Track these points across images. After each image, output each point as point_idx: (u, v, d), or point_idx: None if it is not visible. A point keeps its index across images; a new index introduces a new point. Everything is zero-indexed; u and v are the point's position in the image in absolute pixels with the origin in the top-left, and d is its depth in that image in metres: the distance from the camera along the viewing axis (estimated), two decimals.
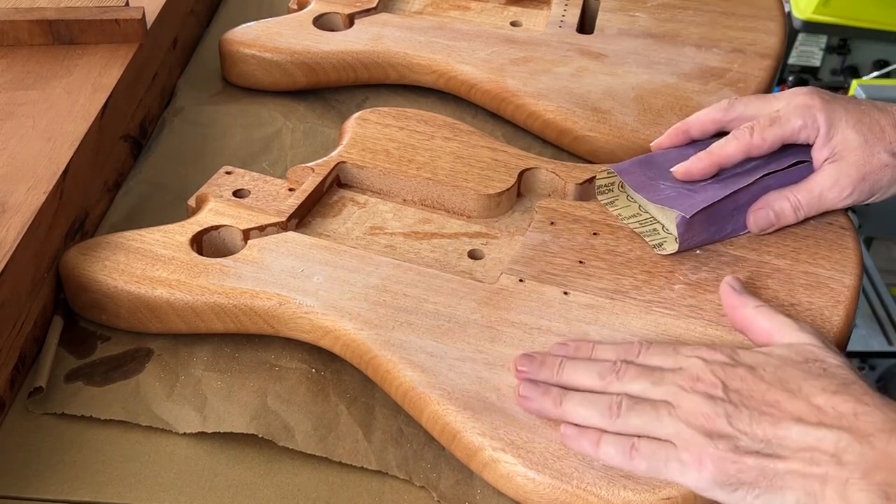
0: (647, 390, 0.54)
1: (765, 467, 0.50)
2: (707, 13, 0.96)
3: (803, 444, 0.50)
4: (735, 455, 0.50)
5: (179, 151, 0.82)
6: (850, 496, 0.47)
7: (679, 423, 0.52)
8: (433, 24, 0.93)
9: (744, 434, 0.51)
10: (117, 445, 0.59)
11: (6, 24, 0.79)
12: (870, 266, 1.74)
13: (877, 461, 0.48)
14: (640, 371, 0.55)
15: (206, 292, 0.63)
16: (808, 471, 0.49)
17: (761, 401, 0.52)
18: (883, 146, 0.68)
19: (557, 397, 0.55)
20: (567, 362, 0.57)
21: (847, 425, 0.49)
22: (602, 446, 0.53)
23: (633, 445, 0.53)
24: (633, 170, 0.71)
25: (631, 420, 0.53)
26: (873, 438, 0.48)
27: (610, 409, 0.54)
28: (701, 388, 0.52)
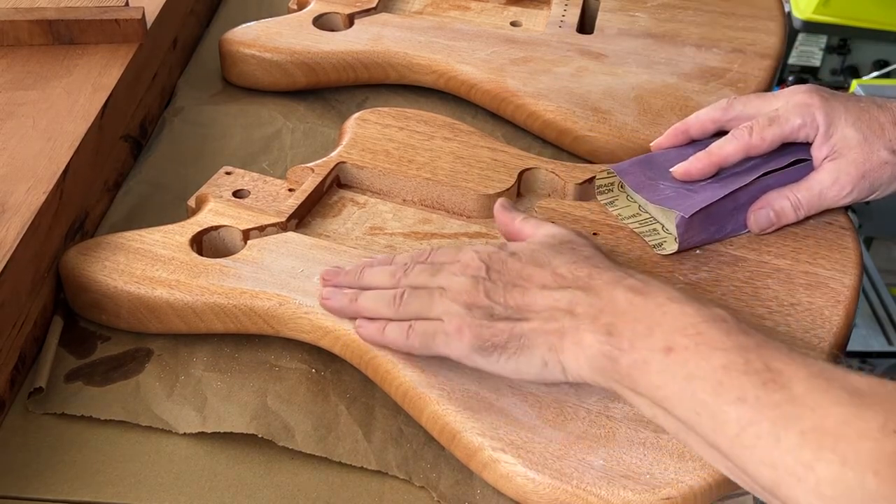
0: (427, 281, 0.59)
1: (513, 329, 0.56)
2: (707, 13, 0.96)
3: (544, 305, 0.56)
4: (489, 321, 0.56)
5: (179, 151, 0.82)
6: (581, 339, 0.54)
7: (447, 301, 0.57)
8: (433, 24, 0.93)
9: (497, 304, 0.56)
10: (117, 445, 0.59)
11: (6, 24, 0.79)
12: (870, 266, 1.74)
13: (602, 307, 0.54)
14: (423, 267, 0.60)
15: (205, 292, 0.63)
16: (547, 327, 0.55)
17: (516, 276, 0.57)
18: (882, 143, 0.68)
19: (354, 295, 0.61)
20: (366, 269, 0.63)
21: (581, 285, 0.56)
22: (386, 332, 0.59)
23: (410, 326, 0.58)
24: (632, 170, 0.71)
25: (411, 305, 0.59)
26: (601, 290, 0.55)
27: (394, 299, 0.59)
28: (469, 272, 0.58)
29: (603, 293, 0.55)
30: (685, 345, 0.50)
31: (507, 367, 0.56)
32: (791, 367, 0.48)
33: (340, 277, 0.63)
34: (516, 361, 0.56)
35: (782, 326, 0.63)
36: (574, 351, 0.54)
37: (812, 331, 0.63)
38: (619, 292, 0.54)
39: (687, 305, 0.52)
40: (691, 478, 0.54)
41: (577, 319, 0.54)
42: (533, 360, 0.55)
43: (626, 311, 0.53)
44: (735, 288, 0.66)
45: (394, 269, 0.62)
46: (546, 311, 0.55)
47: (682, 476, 0.55)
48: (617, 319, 0.53)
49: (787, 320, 0.64)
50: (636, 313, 0.53)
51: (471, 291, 0.57)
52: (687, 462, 0.55)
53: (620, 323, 0.53)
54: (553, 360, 0.55)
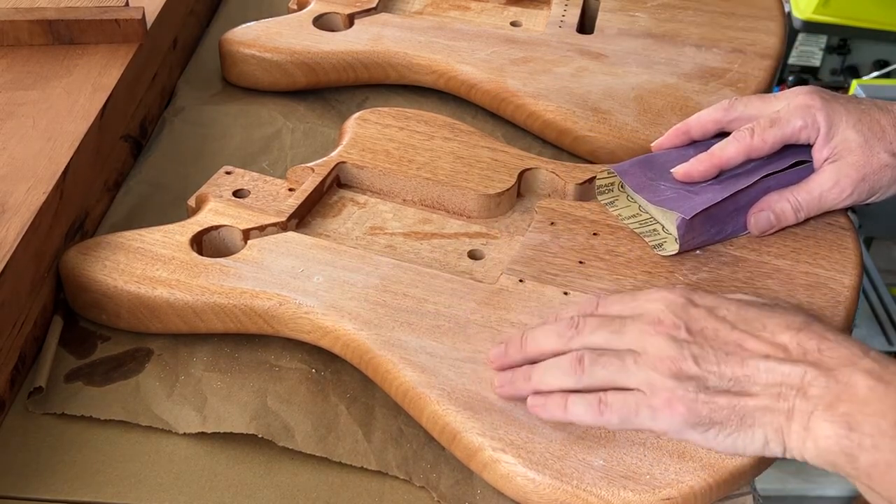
0: (610, 340, 0.53)
1: (735, 405, 0.50)
2: (707, 13, 0.96)
3: (771, 381, 0.50)
4: (705, 395, 0.50)
5: (179, 151, 0.82)
6: (814, 427, 0.48)
7: (646, 369, 0.51)
8: (433, 24, 0.93)
9: (712, 374, 0.50)
10: (117, 445, 0.59)
11: (6, 24, 0.79)
12: (870, 266, 1.74)
13: (839, 393, 0.48)
14: (599, 321, 0.54)
15: (206, 292, 0.63)
16: (776, 406, 0.49)
17: (726, 340, 0.51)
18: (883, 146, 0.68)
19: (526, 372, 0.54)
20: (528, 332, 0.56)
21: (812, 360, 0.50)
22: (570, 407, 0.52)
23: (601, 400, 0.52)
24: (633, 170, 0.71)
25: (597, 373, 0.52)
26: (837, 372, 0.49)
27: (573, 365, 0.53)
28: (663, 330, 0.52)
29: (839, 375, 0.49)
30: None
31: (724, 444, 0.51)
32: None
33: (504, 352, 0.56)
34: (735, 439, 0.50)
35: None
36: (803, 436, 0.49)
37: None
38: (858, 377, 0.48)
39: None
40: (691, 478, 0.54)
41: (809, 402, 0.49)
42: (755, 438, 0.50)
43: (867, 402, 0.48)
44: (735, 288, 0.66)
45: (560, 326, 0.55)
46: (773, 387, 0.50)
47: (683, 476, 0.55)
48: (857, 410, 0.47)
49: None
50: (879, 405, 0.47)
51: (675, 358, 0.51)
52: (687, 462, 0.55)
53: (861, 415, 0.47)
54: (777, 440, 0.50)
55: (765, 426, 0.50)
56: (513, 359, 0.56)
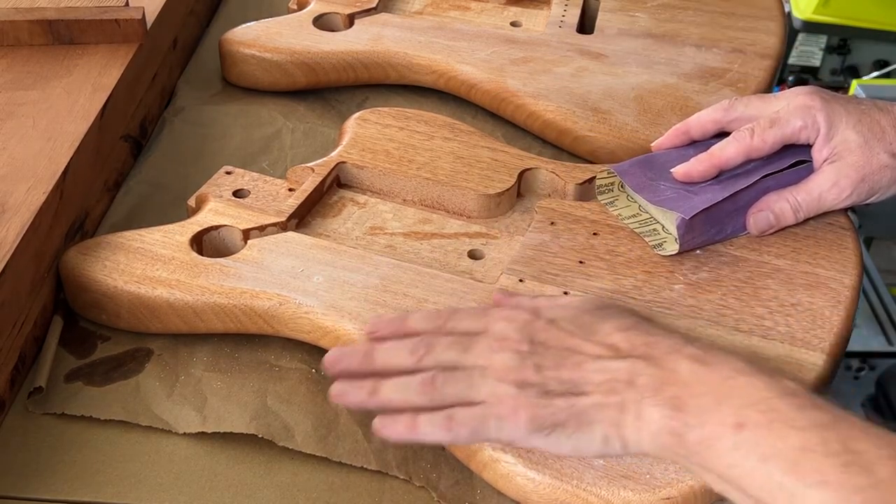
0: (460, 358, 0.53)
1: (572, 405, 0.51)
2: (707, 13, 0.96)
3: (602, 378, 0.51)
4: (545, 399, 0.51)
5: (179, 151, 0.82)
6: (644, 414, 0.50)
7: (491, 381, 0.52)
8: (433, 24, 0.93)
9: (551, 379, 0.52)
10: (117, 445, 0.59)
11: (6, 24, 0.79)
12: (870, 266, 1.73)
13: (665, 379, 0.50)
14: (450, 340, 0.54)
15: (205, 292, 0.63)
16: (608, 400, 0.51)
17: (563, 347, 0.53)
18: (883, 147, 0.68)
19: (373, 388, 0.54)
20: (377, 346, 0.55)
21: (639, 354, 0.52)
22: (420, 427, 0.52)
23: (450, 416, 0.52)
24: (633, 170, 0.71)
25: (447, 391, 0.53)
26: (662, 360, 0.51)
27: (424, 385, 0.53)
28: (508, 345, 0.53)
29: (664, 363, 0.51)
30: (758, 421, 0.47)
31: (567, 446, 0.51)
32: (871, 447, 0.45)
33: (347, 361, 0.55)
34: (577, 439, 0.51)
35: (782, 326, 0.63)
36: (636, 425, 0.50)
37: (812, 331, 0.63)
38: (682, 362, 0.51)
39: (755, 378, 0.49)
40: (691, 478, 0.54)
41: (638, 391, 0.50)
42: (594, 436, 0.51)
43: (690, 383, 0.50)
44: (735, 288, 0.66)
45: (412, 344, 0.55)
46: (605, 384, 0.51)
47: (682, 476, 0.55)
48: (682, 392, 0.49)
49: (787, 320, 0.64)
50: (702, 385, 0.49)
51: (519, 368, 0.52)
52: None
53: (686, 396, 0.49)
54: (614, 435, 0.51)
55: (601, 422, 0.51)
56: (355, 369, 0.55)
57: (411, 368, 0.54)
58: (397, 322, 0.57)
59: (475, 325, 0.55)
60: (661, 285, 0.66)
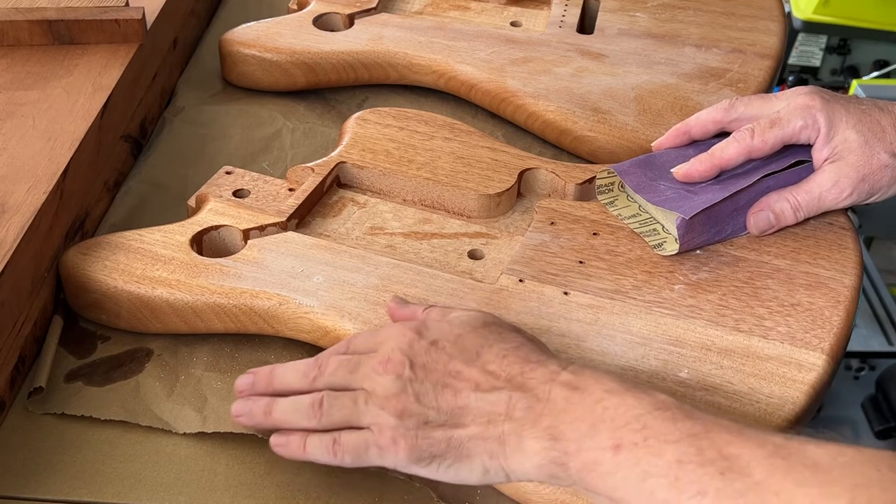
0: (347, 379, 0.54)
1: (451, 437, 0.52)
2: (707, 13, 0.96)
3: (481, 410, 0.51)
4: (424, 431, 0.52)
5: (179, 151, 0.82)
6: (525, 447, 0.50)
7: (375, 409, 0.53)
8: (433, 24, 0.93)
9: (431, 409, 0.52)
10: (117, 445, 0.59)
11: (6, 24, 0.79)
12: (870, 266, 1.73)
13: (542, 410, 0.50)
14: (340, 361, 0.55)
15: (205, 292, 0.63)
16: (486, 433, 0.51)
17: (444, 372, 0.53)
18: (883, 147, 0.68)
19: (266, 407, 0.55)
20: (277, 368, 0.57)
21: (516, 384, 0.52)
22: (308, 449, 0.54)
23: (335, 440, 0.53)
24: (633, 170, 0.71)
25: (333, 415, 0.54)
26: (537, 391, 0.51)
27: (313, 407, 0.54)
28: (391, 368, 0.53)
29: (539, 392, 0.51)
30: (633, 441, 0.47)
31: (447, 475, 0.53)
32: (746, 450, 0.45)
33: (252, 383, 0.57)
34: (456, 469, 0.52)
35: (782, 326, 0.63)
36: (518, 458, 0.50)
37: (812, 331, 0.63)
38: (556, 390, 0.51)
39: (627, 396, 0.49)
40: None
41: (516, 423, 0.51)
42: (473, 467, 0.52)
43: (565, 410, 0.50)
44: (735, 288, 0.66)
45: (307, 365, 0.56)
46: (483, 416, 0.51)
47: None
48: (558, 420, 0.50)
49: (787, 321, 0.64)
50: (576, 412, 0.50)
51: (399, 396, 0.52)
52: None
53: (562, 425, 0.50)
54: (495, 466, 0.51)
55: (480, 455, 0.51)
56: (259, 390, 0.57)
57: (306, 390, 0.55)
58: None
59: (366, 346, 0.56)
60: (661, 285, 0.66)
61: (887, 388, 1.51)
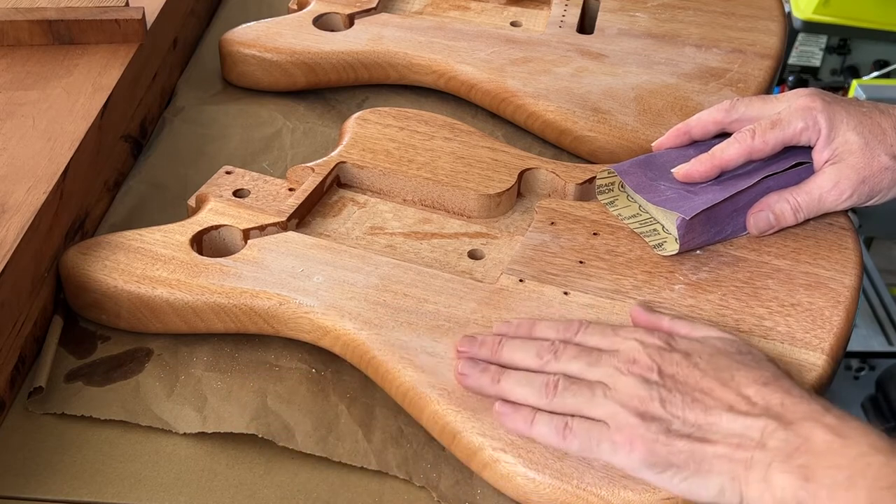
0: (584, 371, 0.55)
1: (694, 451, 0.51)
2: (707, 13, 0.96)
3: (732, 431, 0.51)
4: (666, 438, 0.51)
5: (179, 151, 0.82)
6: (772, 479, 0.49)
7: (613, 404, 0.52)
8: (433, 24, 0.93)
9: (676, 418, 0.52)
10: (117, 445, 0.59)
11: (6, 24, 0.79)
12: (870, 266, 1.74)
13: (798, 446, 0.49)
14: (578, 351, 0.56)
15: (205, 292, 0.63)
16: (734, 455, 0.50)
17: (695, 387, 0.53)
18: (884, 149, 0.68)
19: (496, 375, 0.56)
20: (506, 341, 0.58)
21: (774, 414, 0.51)
22: (536, 425, 0.54)
23: (566, 424, 0.53)
24: (633, 170, 0.71)
25: (567, 399, 0.54)
26: (797, 426, 0.50)
27: (546, 387, 0.54)
28: (637, 370, 0.53)
29: (799, 429, 0.50)
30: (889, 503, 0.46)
31: (679, 487, 0.51)
32: None
33: (477, 348, 0.58)
34: (690, 483, 0.51)
35: (782, 326, 0.63)
36: (760, 487, 0.49)
37: (812, 331, 0.63)
38: (818, 431, 0.49)
39: (893, 457, 0.48)
40: None
41: (768, 454, 0.50)
42: (710, 485, 0.51)
43: (824, 455, 0.48)
44: (735, 288, 0.66)
45: (539, 347, 0.57)
46: (733, 437, 0.51)
47: None
48: (814, 462, 0.48)
49: (787, 321, 0.64)
50: (836, 459, 0.48)
51: (644, 398, 0.52)
52: None
53: (818, 467, 0.48)
54: (733, 489, 0.50)
55: (721, 474, 0.50)
56: (483, 356, 0.57)
57: (535, 370, 0.55)
58: (526, 326, 0.59)
59: (604, 343, 0.56)
60: (662, 285, 0.66)
61: (887, 388, 1.51)
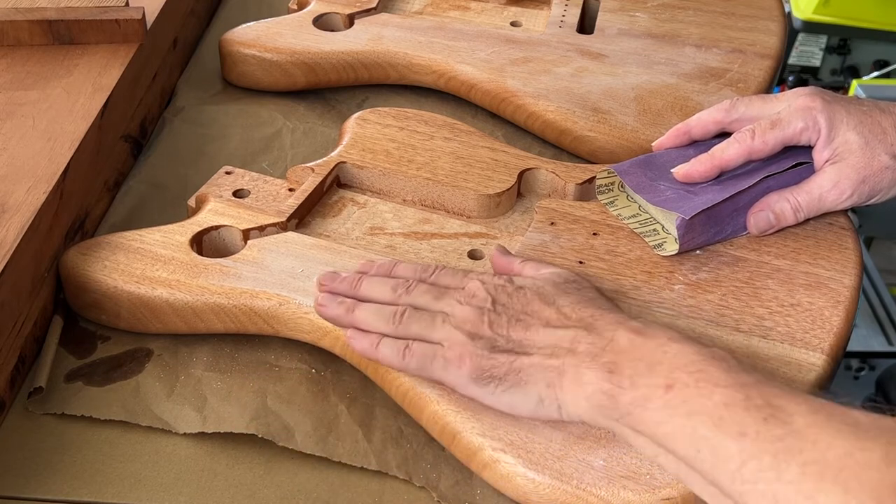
0: (430, 303, 0.60)
1: (512, 362, 0.56)
2: (707, 13, 0.96)
3: (546, 342, 0.56)
4: (490, 353, 0.56)
5: (179, 151, 0.82)
6: (581, 377, 0.54)
7: (449, 327, 0.58)
8: (433, 24, 0.93)
9: (500, 336, 0.57)
10: (117, 446, 0.59)
11: (6, 24, 0.79)
12: (870, 266, 1.74)
13: (604, 346, 0.54)
14: (427, 288, 0.61)
15: (205, 292, 0.63)
16: (547, 363, 0.55)
17: (520, 311, 0.58)
18: (884, 148, 0.68)
19: (351, 306, 0.60)
20: (365, 279, 0.62)
21: (585, 325, 0.56)
22: (381, 348, 0.59)
23: (406, 346, 0.58)
24: (633, 170, 0.71)
25: (411, 326, 0.59)
26: (604, 331, 0.55)
27: (394, 316, 0.59)
28: (474, 302, 0.58)
29: (605, 333, 0.55)
30: (686, 382, 0.50)
31: (502, 401, 0.56)
32: (792, 403, 0.48)
33: (337, 283, 0.62)
34: (511, 395, 0.55)
35: (782, 327, 0.63)
36: (573, 389, 0.54)
37: (812, 331, 0.63)
38: (622, 332, 0.54)
39: (687, 345, 0.53)
40: None
41: (577, 357, 0.54)
42: (529, 395, 0.55)
43: (627, 350, 0.53)
44: (735, 288, 0.66)
45: (395, 283, 0.61)
46: (547, 348, 0.55)
47: None
48: (618, 358, 0.53)
49: (787, 321, 0.64)
50: (637, 352, 0.53)
51: (475, 321, 0.57)
52: None
53: (622, 361, 0.53)
54: (550, 396, 0.55)
55: (537, 383, 0.55)
56: (342, 291, 0.62)
57: (388, 302, 0.60)
58: (387, 266, 0.63)
59: (453, 282, 0.61)
60: (661, 285, 0.66)
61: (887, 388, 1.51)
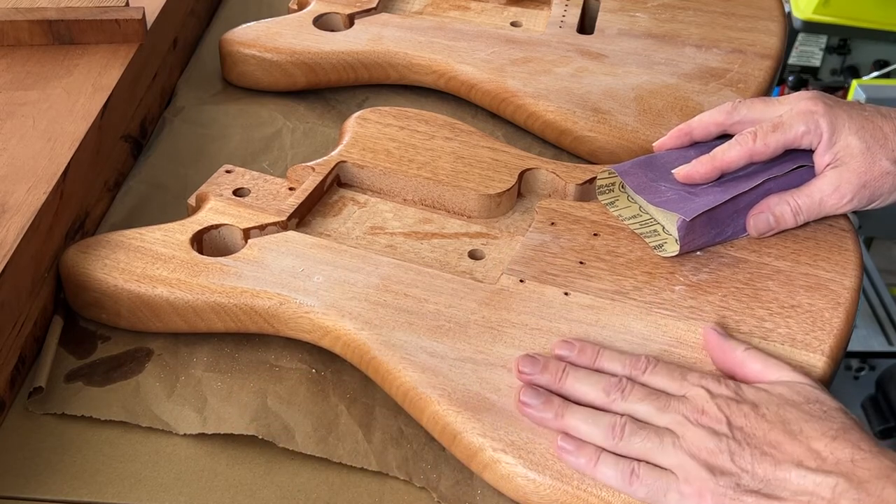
0: (652, 415, 0.54)
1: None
2: (707, 13, 0.96)
3: (801, 488, 0.51)
4: (735, 493, 0.51)
5: (179, 151, 0.82)
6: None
7: (683, 454, 0.52)
8: (433, 24, 0.92)
9: (745, 472, 0.51)
10: (117, 446, 0.59)
11: (6, 24, 0.79)
12: (870, 266, 1.74)
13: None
14: (646, 393, 0.55)
15: (206, 291, 0.63)
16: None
17: (763, 440, 0.52)
18: (885, 153, 0.68)
19: (560, 409, 0.55)
20: (571, 371, 0.57)
21: (844, 471, 0.50)
22: (600, 466, 0.53)
23: (633, 470, 0.53)
24: (633, 171, 0.71)
25: (634, 444, 0.53)
26: (869, 485, 0.50)
27: (613, 429, 0.54)
28: (706, 421, 0.53)
29: (871, 488, 0.49)
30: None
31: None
32: None
33: (539, 373, 0.57)
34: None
35: (783, 328, 0.63)
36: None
37: (812, 332, 0.63)
38: (891, 491, 0.49)
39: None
40: None
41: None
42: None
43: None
44: (735, 289, 0.66)
45: (606, 384, 0.56)
46: (803, 496, 0.50)
47: None
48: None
49: (787, 322, 0.64)
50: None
51: (713, 451, 0.52)
52: None
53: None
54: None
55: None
56: (545, 383, 0.57)
57: (599, 406, 0.55)
58: (590, 352, 0.58)
59: (671, 387, 0.55)
60: (662, 286, 0.66)
61: (887, 388, 1.51)
